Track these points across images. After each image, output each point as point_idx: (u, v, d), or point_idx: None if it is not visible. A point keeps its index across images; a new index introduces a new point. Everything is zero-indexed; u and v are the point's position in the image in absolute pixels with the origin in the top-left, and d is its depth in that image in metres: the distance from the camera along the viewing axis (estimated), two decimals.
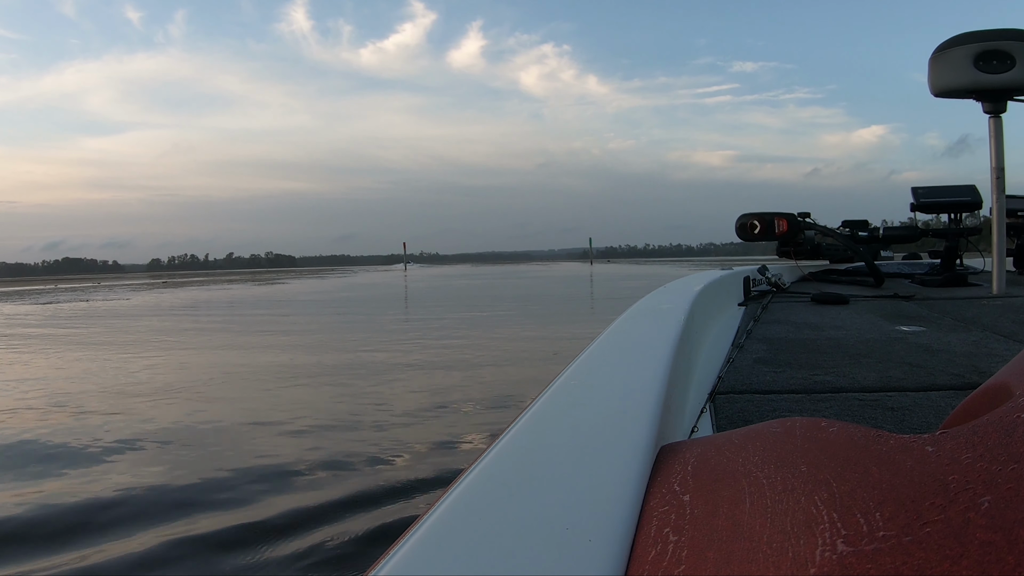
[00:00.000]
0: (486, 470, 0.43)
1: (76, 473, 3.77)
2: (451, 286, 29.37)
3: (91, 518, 3.09)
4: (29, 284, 78.30)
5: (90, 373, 7.44)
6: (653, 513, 0.36)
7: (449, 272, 60.06)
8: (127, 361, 8.24)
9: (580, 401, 0.62)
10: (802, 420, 0.41)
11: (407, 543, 0.34)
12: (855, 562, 0.25)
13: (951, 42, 2.78)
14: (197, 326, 13.63)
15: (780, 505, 0.31)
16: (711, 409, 1.09)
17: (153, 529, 2.93)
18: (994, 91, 2.74)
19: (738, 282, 2.83)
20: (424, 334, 10.24)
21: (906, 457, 0.31)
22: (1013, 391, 0.36)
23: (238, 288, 34.84)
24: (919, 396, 1.18)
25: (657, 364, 0.74)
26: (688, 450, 0.44)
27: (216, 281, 50.88)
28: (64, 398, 5.92)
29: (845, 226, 4.48)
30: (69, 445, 4.31)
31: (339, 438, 4.38)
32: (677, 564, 0.31)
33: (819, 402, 1.16)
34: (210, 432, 4.60)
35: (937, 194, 4.12)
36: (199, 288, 35.20)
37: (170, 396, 5.85)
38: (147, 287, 41.66)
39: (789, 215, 3.87)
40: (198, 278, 70.34)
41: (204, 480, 3.55)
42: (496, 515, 0.37)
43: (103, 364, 8.11)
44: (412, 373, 6.80)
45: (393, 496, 3.26)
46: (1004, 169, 2.80)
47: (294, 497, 3.29)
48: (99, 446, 4.27)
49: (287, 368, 7.43)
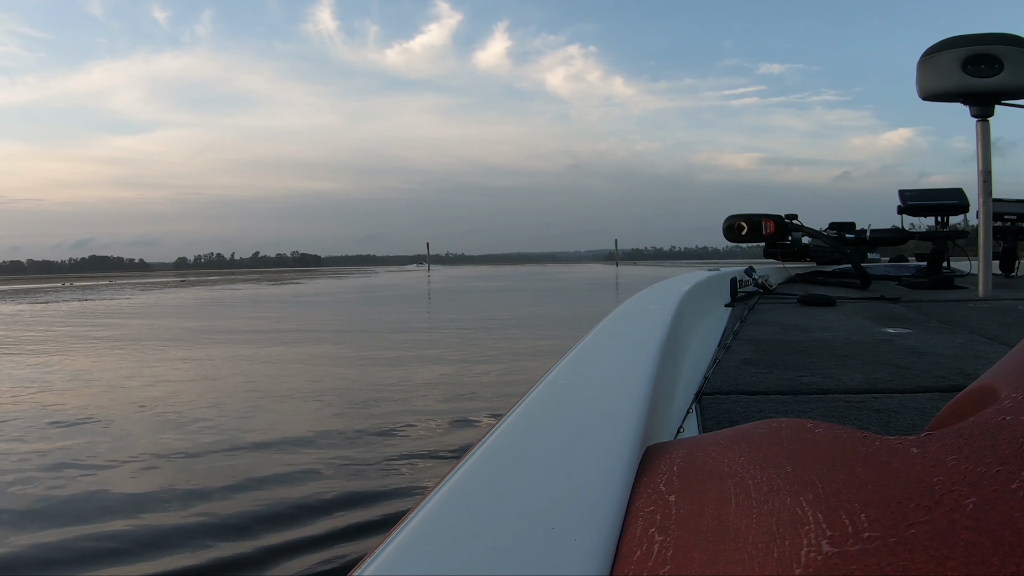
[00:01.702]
0: (471, 469, 0.43)
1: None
2: (466, 290, 27.66)
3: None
4: (44, 282, 76.70)
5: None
6: (639, 513, 0.36)
7: (468, 274, 58.24)
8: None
9: (566, 400, 0.61)
10: (788, 421, 0.41)
11: (392, 542, 0.34)
12: (840, 563, 0.25)
13: (939, 46, 2.80)
14: (136, 335, 11.84)
15: (766, 506, 0.31)
16: (697, 409, 1.09)
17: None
18: (981, 95, 2.76)
19: (725, 283, 2.83)
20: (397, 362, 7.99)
21: (892, 458, 0.31)
22: (999, 393, 0.36)
23: (246, 288, 33.76)
24: (905, 398, 1.18)
25: (643, 364, 0.74)
26: (674, 450, 0.44)
27: (231, 281, 49.12)
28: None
29: (832, 228, 4.51)
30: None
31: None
32: (663, 564, 0.31)
33: (805, 403, 1.16)
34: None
35: (924, 197, 4.16)
36: (208, 288, 33.99)
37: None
38: (159, 286, 40.41)
39: (776, 216, 3.89)
40: (212, 277, 68.61)
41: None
42: (481, 514, 0.37)
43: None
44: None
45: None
46: (991, 172, 2.82)
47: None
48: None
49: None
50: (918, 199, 4.16)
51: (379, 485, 3.49)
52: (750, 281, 3.13)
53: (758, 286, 3.13)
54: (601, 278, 36.75)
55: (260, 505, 3.20)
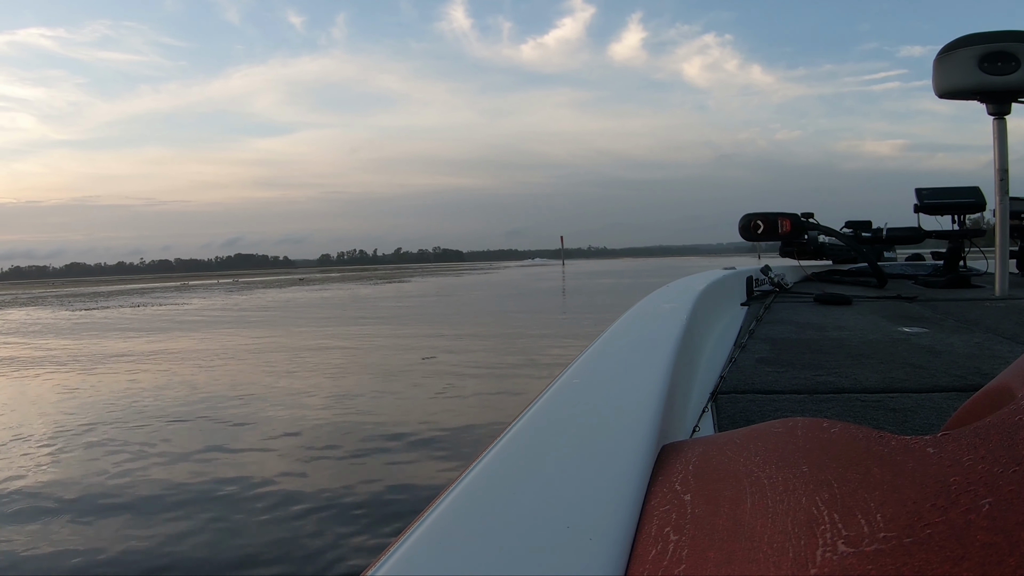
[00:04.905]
0: (487, 468, 0.43)
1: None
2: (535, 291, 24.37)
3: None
4: (138, 283, 77.35)
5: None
6: (654, 512, 0.36)
7: (585, 269, 55.96)
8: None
9: (581, 400, 0.61)
10: (804, 420, 0.41)
11: (407, 541, 0.34)
12: (856, 563, 0.25)
13: (956, 43, 2.78)
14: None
15: (781, 505, 0.31)
16: (713, 409, 1.09)
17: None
18: (998, 92, 2.73)
19: (741, 282, 2.82)
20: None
21: (908, 458, 0.31)
22: (1015, 393, 0.36)
23: (348, 288, 32.24)
24: (921, 397, 1.17)
25: (659, 363, 0.74)
26: (690, 449, 0.44)
27: (356, 279, 47.70)
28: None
29: (848, 227, 4.47)
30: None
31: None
32: (678, 563, 0.31)
33: (821, 402, 1.16)
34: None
35: (941, 195, 4.12)
36: (309, 289, 32.43)
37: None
38: (276, 285, 39.60)
39: (792, 215, 3.86)
40: (333, 276, 65.97)
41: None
42: (496, 513, 0.37)
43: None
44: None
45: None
46: (1008, 171, 2.79)
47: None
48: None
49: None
50: (935, 197, 4.12)
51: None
52: (766, 280, 3.12)
53: (774, 285, 3.12)
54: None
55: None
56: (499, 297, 20.78)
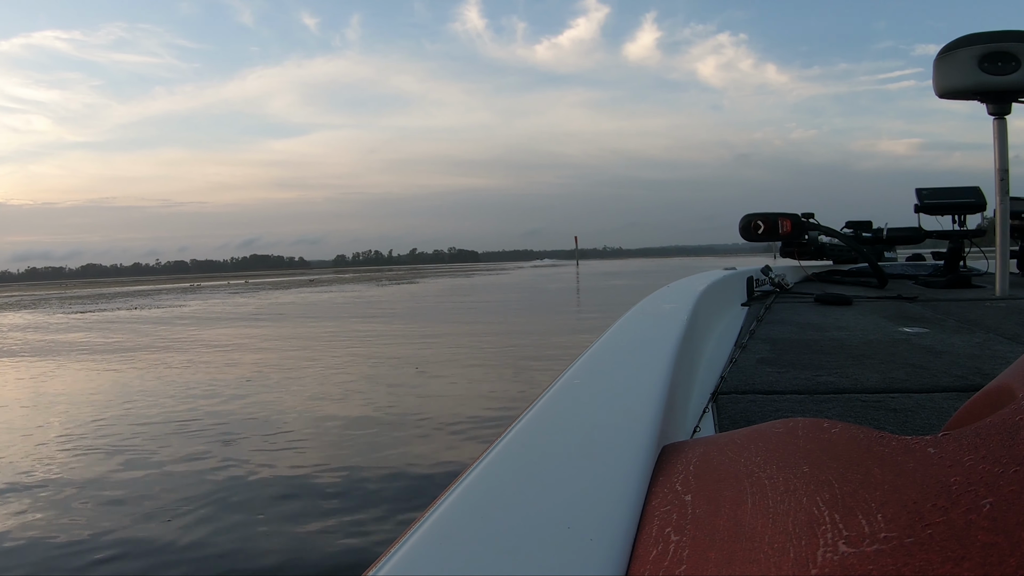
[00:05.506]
0: (487, 469, 0.43)
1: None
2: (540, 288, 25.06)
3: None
4: (147, 284, 76.93)
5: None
6: (655, 513, 0.36)
7: (594, 270, 54.64)
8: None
9: (582, 400, 0.61)
10: (805, 421, 0.41)
11: (408, 541, 0.34)
12: (857, 563, 0.25)
13: (956, 43, 2.78)
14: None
15: (782, 506, 0.31)
16: (714, 409, 1.09)
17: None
18: (998, 92, 2.73)
19: (741, 282, 2.82)
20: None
21: (908, 458, 0.31)
22: (1016, 393, 0.36)
23: (352, 290, 31.40)
24: (922, 398, 1.17)
25: (660, 364, 0.74)
26: (690, 450, 0.44)
27: (366, 280, 46.83)
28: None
29: (849, 227, 4.47)
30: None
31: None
32: (678, 564, 0.31)
33: (822, 403, 1.16)
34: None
35: (941, 195, 4.12)
36: (315, 291, 31.76)
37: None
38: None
39: (793, 215, 3.86)
40: (346, 275, 64.63)
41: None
42: (497, 513, 0.37)
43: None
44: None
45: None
46: (1008, 171, 2.79)
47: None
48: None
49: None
50: (935, 197, 4.12)
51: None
52: (766, 280, 3.12)
53: (774, 285, 3.12)
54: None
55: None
56: (501, 301, 20.62)
